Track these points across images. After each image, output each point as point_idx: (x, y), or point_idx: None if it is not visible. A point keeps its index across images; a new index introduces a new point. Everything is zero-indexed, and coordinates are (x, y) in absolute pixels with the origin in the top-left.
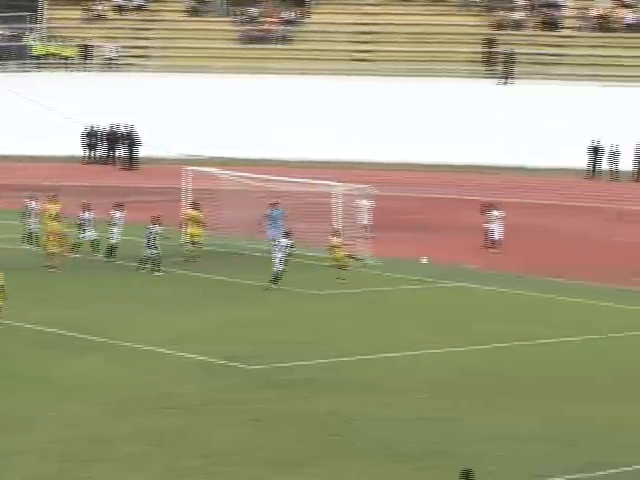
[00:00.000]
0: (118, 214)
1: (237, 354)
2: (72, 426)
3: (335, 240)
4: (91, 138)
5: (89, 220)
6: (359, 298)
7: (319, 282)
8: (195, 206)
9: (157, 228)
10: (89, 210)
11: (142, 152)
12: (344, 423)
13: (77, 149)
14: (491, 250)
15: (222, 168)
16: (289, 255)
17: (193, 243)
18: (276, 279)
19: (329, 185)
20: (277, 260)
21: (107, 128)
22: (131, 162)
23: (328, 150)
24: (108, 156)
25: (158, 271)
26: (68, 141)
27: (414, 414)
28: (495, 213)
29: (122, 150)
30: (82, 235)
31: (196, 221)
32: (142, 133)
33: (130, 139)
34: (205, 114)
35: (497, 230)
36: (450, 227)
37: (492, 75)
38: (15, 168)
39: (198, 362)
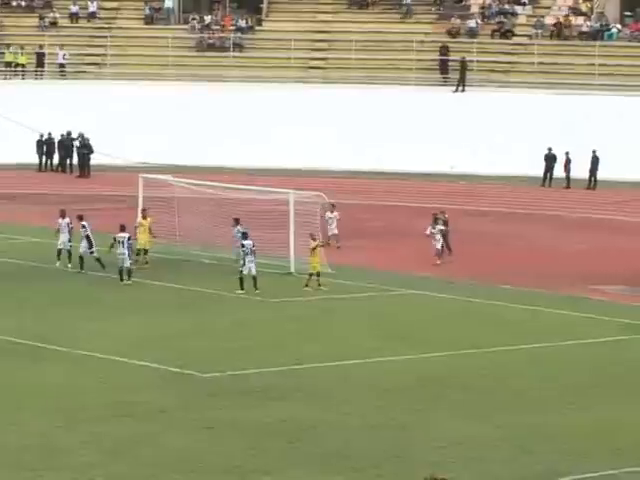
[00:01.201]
0: (63, 221)
1: (191, 362)
2: (25, 434)
3: (313, 243)
4: (45, 146)
5: (62, 226)
6: (313, 306)
7: (273, 290)
8: (143, 214)
9: (126, 235)
10: (64, 217)
11: (96, 160)
12: (299, 431)
13: (31, 157)
14: (437, 261)
15: (176, 176)
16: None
17: (141, 252)
18: (255, 282)
19: (281, 192)
20: (252, 264)
21: (62, 136)
22: (85, 170)
23: (281, 158)
24: (62, 164)
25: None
26: (22, 149)
27: (369, 421)
28: (433, 230)
29: (76, 158)
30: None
31: (144, 229)
32: (96, 141)
33: (83, 147)
34: (159, 122)
35: (438, 241)
36: (402, 235)
37: (446, 83)
38: None
39: (152, 370)
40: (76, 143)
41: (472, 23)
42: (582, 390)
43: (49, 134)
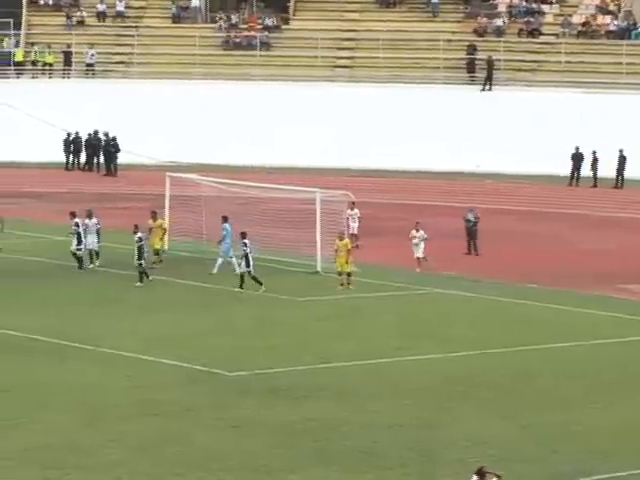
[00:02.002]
0: (90, 222)
1: (217, 360)
2: (52, 433)
3: (339, 243)
4: (73, 145)
5: (89, 227)
6: (340, 304)
7: (299, 289)
8: (153, 216)
9: (138, 235)
10: (91, 218)
11: (123, 158)
12: (325, 430)
13: (59, 155)
14: (417, 269)
15: (202, 174)
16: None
17: (155, 253)
18: (250, 279)
19: (308, 192)
20: (251, 262)
21: (88, 135)
22: (111, 168)
23: (308, 157)
24: (89, 162)
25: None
26: (49, 147)
27: (396, 420)
28: (417, 233)
29: (103, 157)
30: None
31: (155, 231)
32: (123, 139)
33: (109, 145)
34: (186, 120)
35: (419, 248)
36: (432, 234)
37: (473, 82)
38: None
39: (179, 368)
40: (102, 142)
41: (499, 22)
42: (608, 389)
43: (76, 133)
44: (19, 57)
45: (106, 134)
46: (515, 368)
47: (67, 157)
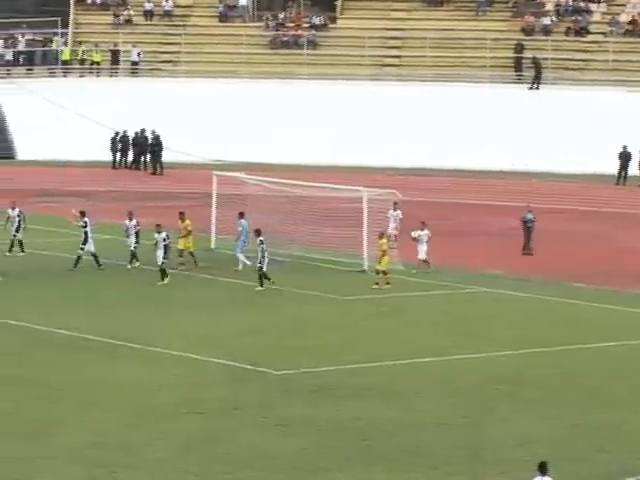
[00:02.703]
0: (130, 223)
1: (263, 359)
2: (99, 432)
3: (381, 242)
4: (120, 143)
5: (130, 228)
6: (385, 303)
7: (346, 287)
8: (181, 217)
9: (163, 235)
10: (131, 219)
11: (169, 157)
12: (371, 429)
13: (106, 154)
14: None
15: (249, 173)
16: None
17: (181, 255)
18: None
19: (355, 190)
20: (265, 259)
21: (135, 133)
22: (157, 167)
23: (356, 155)
24: (136, 161)
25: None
26: (96, 146)
27: (442, 419)
28: (422, 232)
29: (149, 155)
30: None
31: (184, 232)
32: (170, 138)
33: (154, 144)
34: (232, 119)
35: (422, 249)
36: (477, 233)
37: (520, 80)
38: (43, 173)
39: (225, 367)
40: (149, 140)
41: (547, 20)
42: None
43: (124, 132)
44: (66, 56)
45: (153, 132)
46: (561, 367)
47: (114, 156)
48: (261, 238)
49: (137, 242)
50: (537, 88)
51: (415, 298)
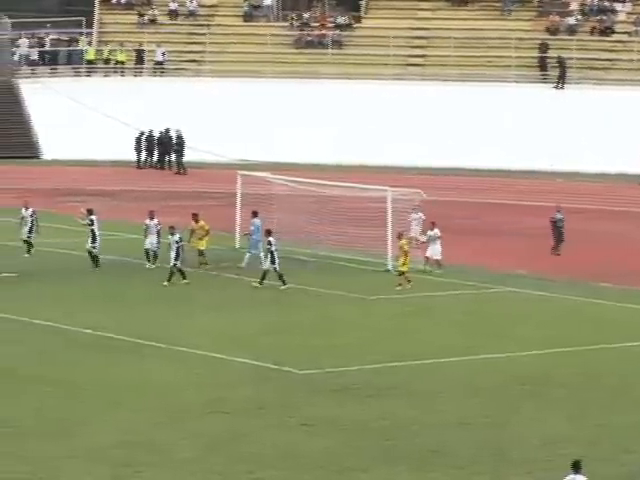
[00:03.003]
0: (152, 222)
1: (287, 358)
2: (124, 431)
3: (401, 243)
4: (145, 143)
5: (150, 227)
6: (410, 303)
7: (370, 287)
8: (195, 217)
9: (176, 237)
10: (152, 218)
11: (194, 157)
12: (395, 428)
13: (130, 153)
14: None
15: (273, 172)
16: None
17: (200, 254)
18: (264, 276)
19: (380, 190)
20: (276, 260)
21: (160, 133)
22: (181, 166)
23: (380, 154)
24: (161, 160)
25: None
26: (121, 145)
27: (466, 419)
28: (431, 232)
29: (173, 155)
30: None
31: (203, 232)
32: (194, 138)
33: (179, 144)
34: (256, 119)
35: (436, 249)
36: (503, 232)
37: (545, 80)
38: (68, 172)
39: (250, 366)
40: (174, 140)
41: (571, 20)
42: None
43: (149, 131)
44: (90, 55)
45: (177, 132)
46: (586, 367)
47: (139, 155)
48: (270, 239)
49: (158, 242)
50: (562, 88)
51: (440, 298)
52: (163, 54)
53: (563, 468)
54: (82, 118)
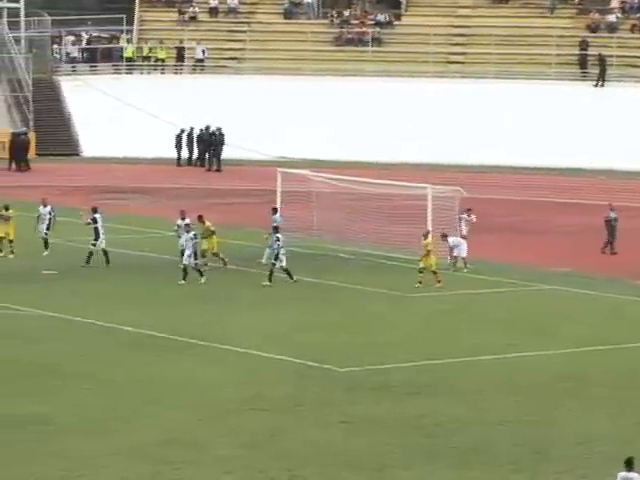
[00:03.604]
0: (183, 223)
1: (327, 356)
2: (164, 429)
3: (424, 242)
4: (185, 140)
5: (181, 227)
6: (450, 301)
7: (410, 285)
8: (200, 219)
9: (191, 234)
10: (184, 219)
11: (233, 154)
12: (435, 426)
13: (170, 151)
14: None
15: (312, 170)
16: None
17: (204, 255)
18: (271, 274)
19: (419, 187)
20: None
21: (200, 130)
22: (219, 164)
23: (420, 152)
24: (201, 158)
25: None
26: (161, 143)
27: (505, 417)
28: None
29: (212, 152)
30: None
31: (208, 232)
32: (234, 135)
33: (218, 141)
34: (296, 116)
35: (461, 249)
36: (542, 229)
37: (585, 78)
38: (109, 170)
39: (290, 364)
40: (214, 137)
41: (612, 18)
42: None
43: (190, 129)
44: (129, 53)
45: (218, 129)
46: (627, 365)
47: (179, 153)
48: (278, 235)
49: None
50: (602, 85)
51: (481, 295)
52: (203, 51)
53: (602, 466)
54: (122, 116)
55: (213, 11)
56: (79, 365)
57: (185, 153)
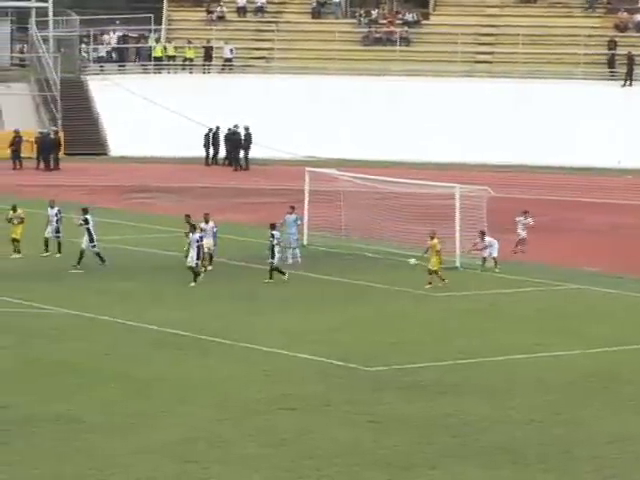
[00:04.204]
0: (207, 226)
1: (355, 355)
2: (191, 427)
3: (430, 242)
4: (213, 139)
5: (206, 231)
6: (478, 300)
7: (438, 284)
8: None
9: (197, 235)
10: (208, 222)
11: (261, 153)
12: (463, 425)
13: (198, 150)
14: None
15: (339, 169)
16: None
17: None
18: (272, 271)
19: (447, 187)
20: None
21: (228, 130)
22: (246, 163)
23: (448, 151)
24: (229, 157)
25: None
26: (189, 142)
27: (534, 416)
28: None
29: (241, 151)
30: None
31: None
32: (263, 135)
33: (246, 140)
34: (324, 116)
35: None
36: (570, 229)
37: (613, 77)
38: (136, 169)
39: (317, 363)
40: (242, 137)
41: None
42: None
43: (217, 128)
44: (158, 52)
45: (246, 129)
46: None
47: (207, 152)
48: (273, 232)
49: (215, 243)
50: (630, 85)
51: (509, 295)
52: (231, 51)
53: (631, 466)
54: (150, 115)
55: (241, 10)
56: (105, 364)
57: (213, 152)
